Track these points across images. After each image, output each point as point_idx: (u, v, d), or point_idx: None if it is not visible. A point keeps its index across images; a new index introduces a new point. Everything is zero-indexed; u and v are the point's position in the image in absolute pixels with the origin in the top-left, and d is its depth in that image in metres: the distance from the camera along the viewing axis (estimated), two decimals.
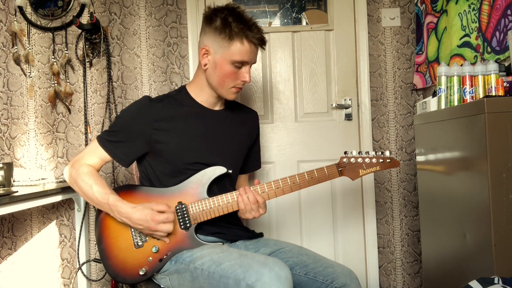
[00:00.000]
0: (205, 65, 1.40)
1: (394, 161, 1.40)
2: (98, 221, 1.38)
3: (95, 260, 2.03)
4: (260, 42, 1.38)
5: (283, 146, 2.17)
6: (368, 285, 2.15)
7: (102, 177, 2.11)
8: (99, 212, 1.39)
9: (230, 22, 1.34)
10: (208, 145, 1.43)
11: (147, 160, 1.43)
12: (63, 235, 2.16)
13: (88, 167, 1.38)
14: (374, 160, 1.39)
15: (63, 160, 2.13)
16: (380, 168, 1.39)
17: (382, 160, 1.39)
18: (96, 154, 1.40)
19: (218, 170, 1.38)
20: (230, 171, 1.41)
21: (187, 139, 1.41)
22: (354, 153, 1.39)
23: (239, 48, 1.34)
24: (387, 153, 1.39)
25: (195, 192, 1.37)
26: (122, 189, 1.40)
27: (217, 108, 1.50)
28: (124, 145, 1.39)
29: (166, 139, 1.39)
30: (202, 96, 1.46)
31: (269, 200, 2.05)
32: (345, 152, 1.40)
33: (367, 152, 1.39)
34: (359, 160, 1.39)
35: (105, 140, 1.40)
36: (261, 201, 1.36)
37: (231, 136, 1.50)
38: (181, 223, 1.34)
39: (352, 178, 1.40)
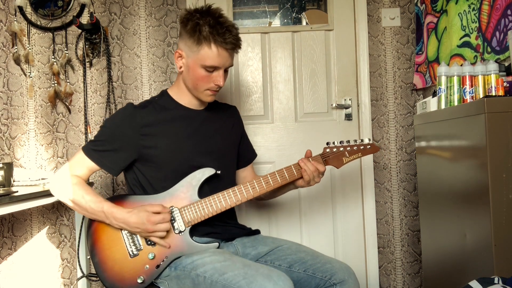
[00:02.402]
0: (180, 67, 1.41)
1: (374, 146, 1.47)
2: (90, 234, 1.37)
3: (90, 275, 1.98)
4: (231, 46, 1.34)
5: (283, 146, 2.17)
6: (368, 285, 2.15)
7: (101, 178, 2.13)
8: (89, 225, 1.38)
9: (200, 26, 1.31)
10: (196, 145, 1.44)
11: (137, 167, 1.42)
12: (63, 235, 2.16)
13: (77, 178, 1.37)
14: (355, 147, 1.46)
15: (63, 160, 2.13)
16: (362, 155, 1.46)
17: (362, 147, 1.46)
18: (83, 165, 1.38)
19: (207, 172, 1.39)
20: (219, 172, 1.41)
21: (175, 141, 1.41)
22: (336, 142, 1.46)
23: (206, 53, 1.33)
24: (366, 140, 1.46)
25: (186, 196, 1.37)
26: (113, 200, 1.38)
27: (200, 108, 1.50)
28: (112, 154, 1.38)
29: (155, 144, 1.38)
30: (185, 98, 1.47)
31: (269, 200, 2.04)
32: (327, 143, 1.46)
33: (348, 141, 1.46)
34: (341, 149, 1.45)
35: (91, 150, 1.38)
36: (322, 170, 1.41)
37: (217, 134, 1.50)
38: (175, 228, 1.34)
39: (337, 167, 1.46)
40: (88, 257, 1.40)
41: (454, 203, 1.35)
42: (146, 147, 1.38)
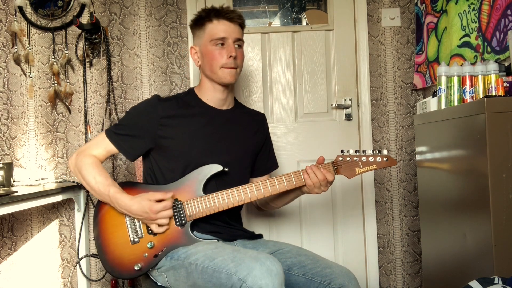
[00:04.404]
0: (198, 62, 1.50)
1: (391, 160, 1.36)
2: (97, 218, 1.41)
3: (93, 256, 2.04)
4: (231, 16, 1.44)
5: (283, 146, 2.17)
6: (368, 285, 2.15)
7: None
8: (97, 209, 1.42)
9: (200, 15, 1.47)
10: (212, 142, 1.45)
11: (152, 156, 1.47)
12: (63, 235, 2.16)
13: (92, 158, 1.42)
14: (370, 158, 1.36)
15: (63, 160, 2.13)
16: (377, 167, 1.36)
17: (379, 158, 1.36)
18: (102, 146, 1.44)
19: (214, 168, 1.40)
20: (226, 169, 1.41)
21: (192, 136, 1.43)
22: (351, 151, 1.37)
23: (210, 27, 1.44)
24: (384, 152, 1.36)
25: (191, 190, 1.38)
26: (123, 186, 1.41)
27: (224, 108, 1.52)
28: (130, 139, 1.43)
29: (172, 135, 1.42)
30: (208, 95, 1.50)
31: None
32: (342, 151, 1.38)
33: (364, 151, 1.36)
34: (355, 158, 1.37)
35: (112, 132, 1.44)
36: (330, 179, 1.37)
37: (235, 136, 1.51)
38: (177, 220, 1.36)
39: (348, 177, 1.38)
40: (93, 238, 1.42)
41: (454, 203, 1.35)
42: (162, 137, 1.42)
